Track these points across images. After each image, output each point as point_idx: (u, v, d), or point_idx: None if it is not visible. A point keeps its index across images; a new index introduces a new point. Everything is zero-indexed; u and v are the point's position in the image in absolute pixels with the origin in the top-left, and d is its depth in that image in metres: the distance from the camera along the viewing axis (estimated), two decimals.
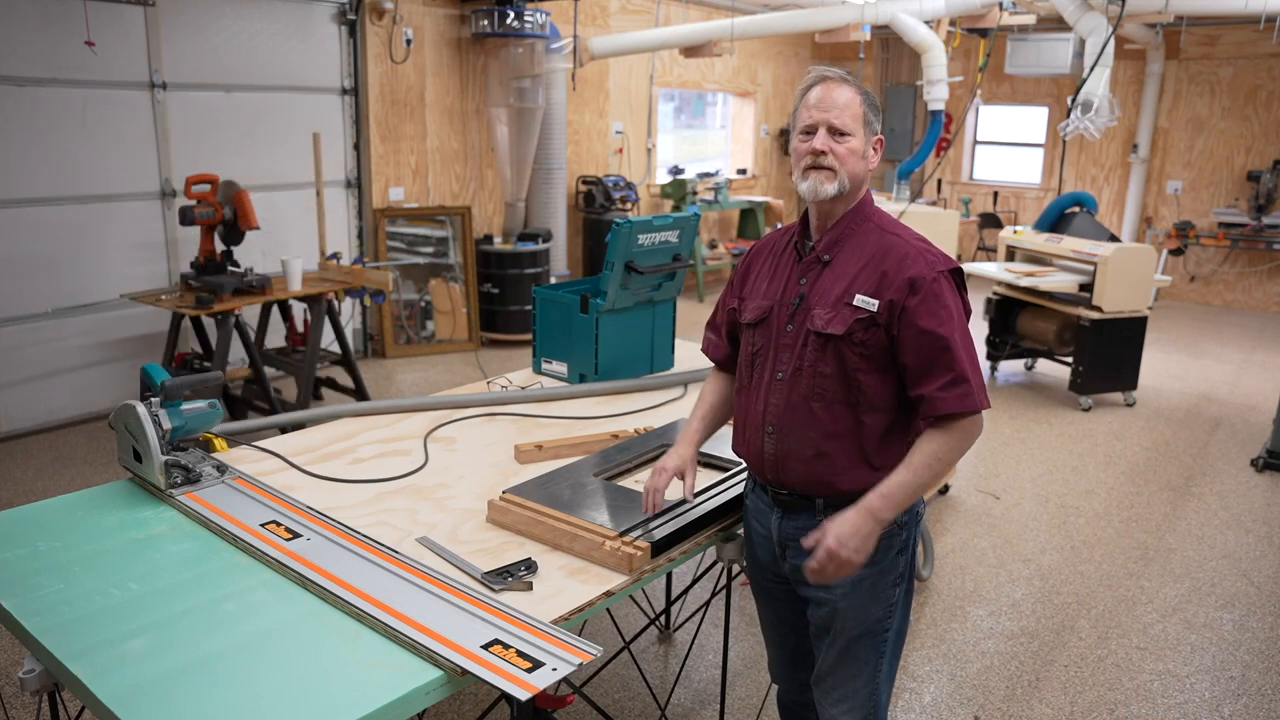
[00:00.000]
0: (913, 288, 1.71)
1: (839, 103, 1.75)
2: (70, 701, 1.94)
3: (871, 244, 1.78)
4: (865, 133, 1.77)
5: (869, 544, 1.69)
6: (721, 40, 7.29)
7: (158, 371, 2.14)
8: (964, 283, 1.80)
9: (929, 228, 6.48)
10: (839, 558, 1.68)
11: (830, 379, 1.76)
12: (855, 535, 1.68)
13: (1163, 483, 4.73)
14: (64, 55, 4.93)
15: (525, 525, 1.93)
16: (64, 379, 5.22)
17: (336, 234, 6.41)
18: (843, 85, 1.77)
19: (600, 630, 3.10)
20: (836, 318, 1.75)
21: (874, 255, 1.76)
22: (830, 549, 1.68)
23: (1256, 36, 8.28)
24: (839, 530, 1.69)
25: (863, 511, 1.70)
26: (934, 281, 1.71)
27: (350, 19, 6.33)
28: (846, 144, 1.75)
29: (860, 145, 1.77)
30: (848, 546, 1.68)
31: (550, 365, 3.06)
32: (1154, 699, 2.94)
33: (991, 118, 10.64)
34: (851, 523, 1.69)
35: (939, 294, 1.71)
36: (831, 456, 1.79)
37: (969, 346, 1.74)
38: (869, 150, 1.79)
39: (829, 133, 1.75)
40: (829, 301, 1.77)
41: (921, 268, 1.72)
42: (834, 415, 1.77)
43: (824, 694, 1.94)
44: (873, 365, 1.75)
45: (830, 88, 1.76)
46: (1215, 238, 8.72)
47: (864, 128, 1.77)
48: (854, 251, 1.78)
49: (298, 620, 1.59)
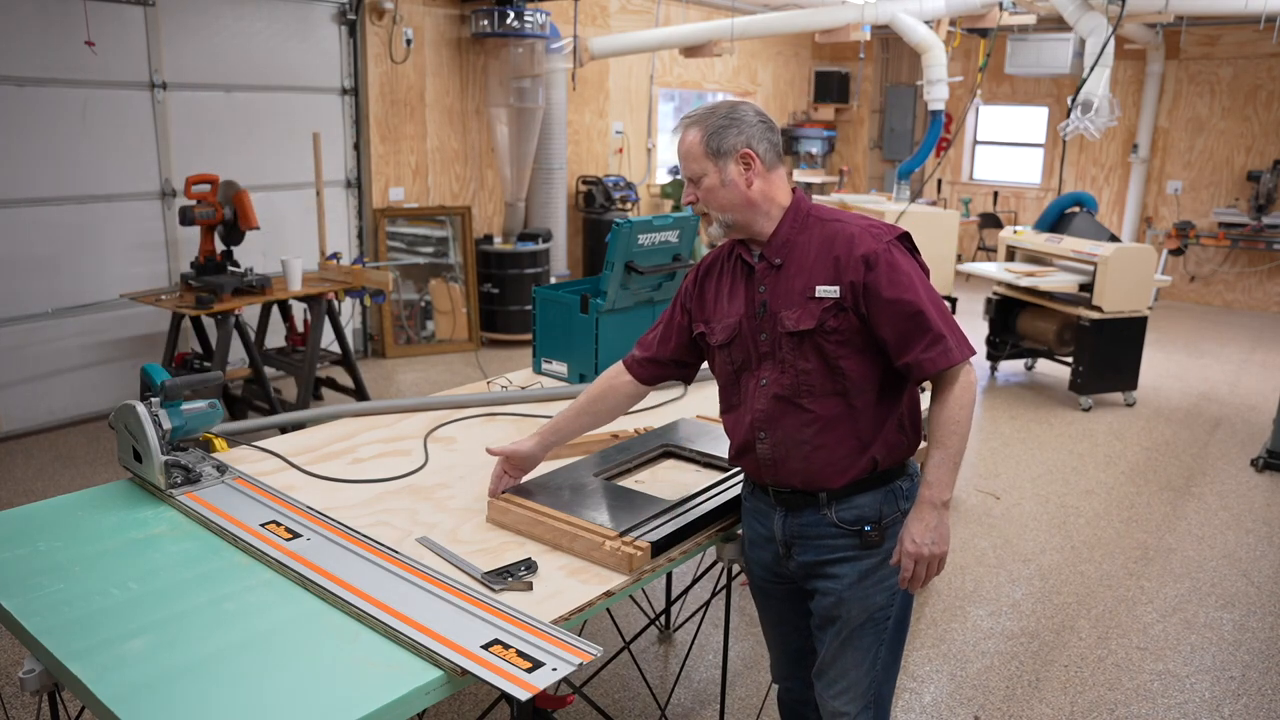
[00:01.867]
0: (868, 264, 1.74)
1: (684, 152, 1.83)
2: (70, 701, 1.94)
3: (817, 237, 1.81)
4: (717, 164, 1.80)
5: (943, 531, 1.76)
6: (721, 40, 7.29)
7: (158, 371, 2.14)
8: (914, 246, 1.83)
9: (929, 228, 6.52)
10: (923, 556, 1.75)
11: (813, 373, 1.79)
12: (927, 531, 1.75)
13: (1163, 483, 4.73)
14: (64, 55, 4.92)
15: (525, 525, 1.93)
16: (64, 379, 5.22)
17: (336, 234, 6.41)
18: (685, 131, 1.84)
19: (600, 630, 3.10)
20: (804, 314, 1.78)
21: (822, 245, 1.80)
22: (912, 553, 1.75)
23: (1256, 36, 8.28)
24: (911, 533, 1.76)
25: (923, 507, 1.76)
26: (886, 252, 1.75)
27: (350, 19, 6.33)
28: (702, 185, 1.82)
29: (714, 179, 1.80)
30: (926, 543, 1.74)
31: (550, 365, 3.06)
32: (1154, 699, 2.94)
33: (991, 118, 10.64)
34: (919, 521, 1.76)
35: (894, 263, 1.75)
36: (828, 447, 1.81)
37: (938, 304, 1.77)
38: (729, 173, 1.80)
39: (690, 182, 1.84)
40: (793, 301, 1.79)
41: (870, 243, 1.76)
42: (823, 406, 1.80)
43: (825, 686, 1.94)
44: (852, 349, 1.78)
45: (679, 139, 1.85)
46: (1215, 238, 8.72)
47: (711, 160, 1.80)
48: (804, 248, 1.81)
49: (298, 620, 1.59)
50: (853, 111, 10.97)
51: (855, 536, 1.84)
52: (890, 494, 1.85)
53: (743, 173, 1.80)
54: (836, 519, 1.84)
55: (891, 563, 1.80)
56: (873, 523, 1.83)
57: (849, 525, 1.84)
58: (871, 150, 11.08)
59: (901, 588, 1.80)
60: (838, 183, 10.69)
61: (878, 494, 1.84)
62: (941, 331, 1.74)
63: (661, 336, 2.06)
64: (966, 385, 1.76)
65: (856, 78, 10.77)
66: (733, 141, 1.79)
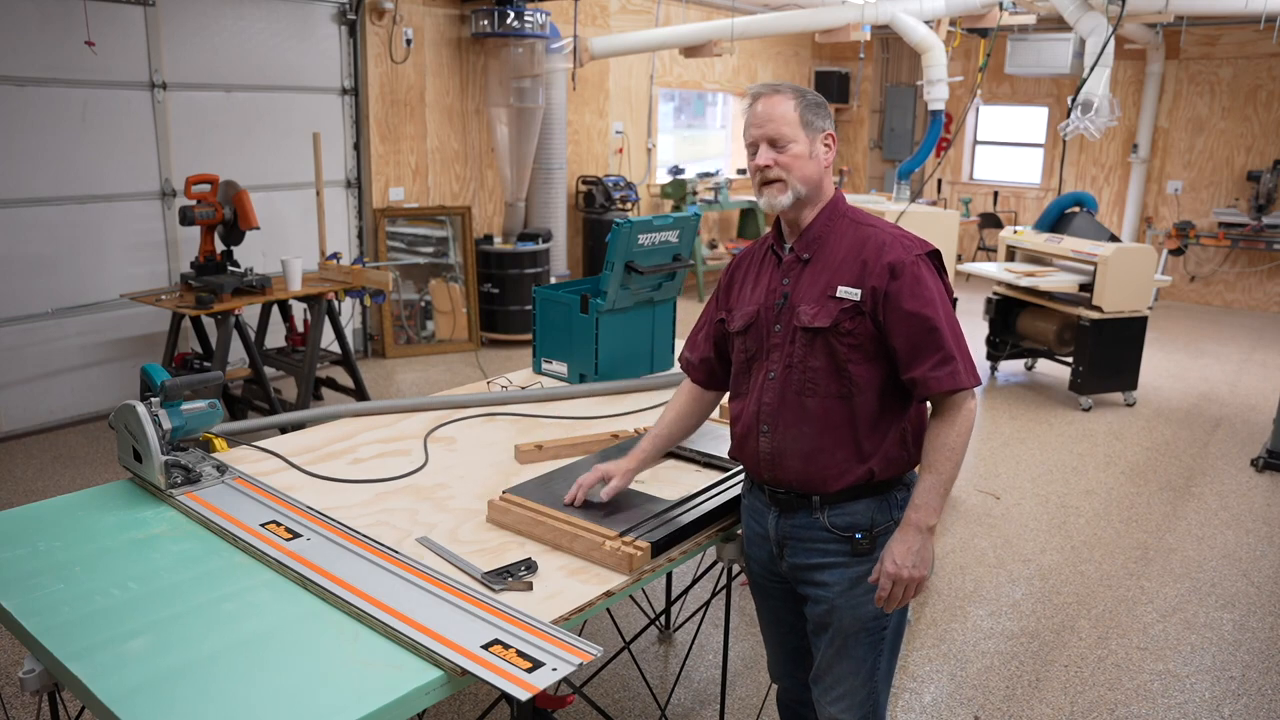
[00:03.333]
0: (893, 272, 1.74)
1: (774, 115, 1.79)
2: (70, 701, 1.94)
3: (849, 237, 1.81)
4: (807, 134, 1.80)
5: (925, 555, 1.75)
6: (721, 40, 7.29)
7: (158, 371, 2.14)
8: (942, 265, 1.83)
9: (929, 228, 6.50)
10: (901, 578, 1.74)
11: (820, 373, 1.79)
12: (909, 554, 1.74)
13: (1163, 483, 4.73)
14: (64, 55, 4.92)
15: (525, 525, 1.93)
16: (64, 379, 5.22)
17: (336, 234, 6.41)
18: (775, 96, 1.80)
19: (600, 630, 3.10)
20: (821, 311, 1.78)
21: (852, 247, 1.80)
22: (890, 573, 1.74)
23: (1256, 36, 8.28)
24: (893, 554, 1.75)
25: (907, 529, 1.75)
26: (913, 264, 1.75)
27: (350, 19, 6.32)
28: (789, 151, 1.79)
29: (804, 148, 1.79)
30: (906, 566, 1.73)
31: (550, 365, 3.06)
32: (1154, 699, 2.94)
33: (991, 118, 10.63)
34: (902, 543, 1.75)
35: (919, 276, 1.75)
36: (827, 450, 1.81)
37: (954, 326, 1.77)
38: (817, 149, 1.81)
39: (769, 145, 1.79)
40: (813, 297, 1.80)
41: (899, 252, 1.76)
42: (826, 409, 1.80)
43: (822, 692, 1.94)
44: (863, 355, 1.78)
45: (765, 102, 1.80)
46: (1215, 238, 8.71)
47: (804, 130, 1.79)
48: (833, 247, 1.82)
49: (297, 620, 1.59)
50: (853, 111, 10.97)
51: (845, 542, 1.84)
52: (885, 503, 1.85)
53: (825, 153, 1.82)
54: (829, 523, 1.84)
55: (870, 580, 1.79)
56: (864, 530, 1.83)
57: (840, 531, 1.84)
58: (871, 150, 11.08)
59: (877, 605, 1.79)
60: (837, 183, 10.67)
61: (872, 502, 1.84)
62: (953, 353, 1.74)
63: (706, 333, 2.07)
64: (967, 413, 1.76)
65: (856, 78, 10.77)
66: (823, 122, 1.82)
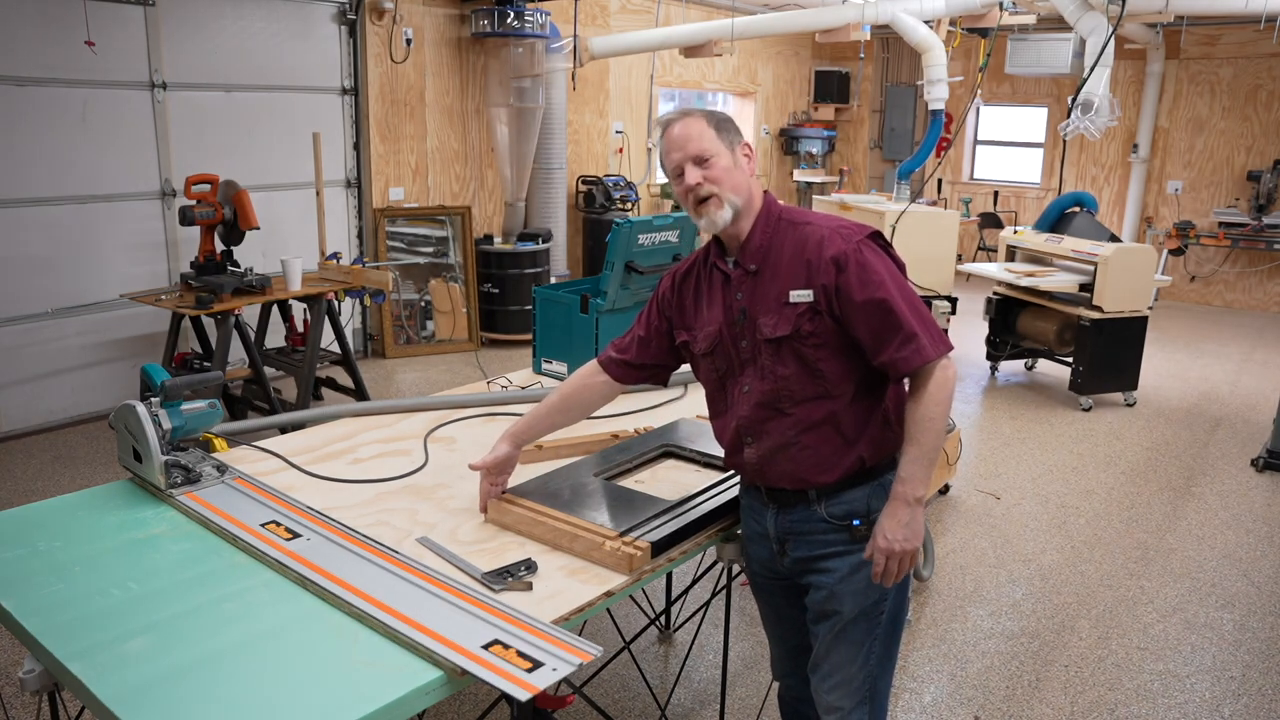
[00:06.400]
0: (838, 266, 1.75)
1: (691, 134, 1.81)
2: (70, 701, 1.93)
3: (790, 241, 1.82)
4: (726, 148, 1.82)
5: (916, 527, 1.76)
6: (721, 40, 7.29)
7: (158, 371, 2.14)
8: (887, 242, 1.83)
9: (929, 228, 6.51)
10: (894, 552, 1.76)
11: (793, 379, 1.81)
12: (899, 527, 1.76)
13: (1163, 483, 4.73)
14: (64, 55, 4.92)
15: (525, 525, 1.93)
16: (64, 379, 5.22)
17: (336, 234, 6.41)
18: (687, 119, 1.83)
19: (600, 630, 3.10)
20: (780, 320, 1.79)
21: (795, 250, 1.80)
22: (883, 548, 1.77)
23: (1256, 36, 8.28)
24: (884, 529, 1.77)
25: (896, 503, 1.77)
26: (855, 252, 1.76)
27: (350, 19, 6.32)
28: (716, 166, 1.80)
29: (728, 160, 1.81)
30: (897, 539, 1.76)
31: (550, 365, 3.06)
32: (1154, 699, 2.94)
33: (991, 118, 10.64)
34: (892, 517, 1.77)
35: (864, 262, 1.76)
36: (813, 448, 1.82)
37: (911, 300, 1.77)
38: (739, 159, 1.83)
39: (695, 164, 1.80)
40: (769, 307, 1.81)
41: (839, 244, 1.77)
42: (806, 410, 1.81)
43: (820, 680, 1.95)
44: (830, 351, 1.79)
45: (679, 125, 1.83)
46: (1215, 238, 8.71)
47: (723, 143, 1.81)
48: (778, 253, 1.82)
49: (297, 620, 1.59)
50: (853, 111, 10.97)
51: (845, 531, 1.86)
52: (879, 487, 1.86)
53: (746, 163, 1.85)
54: (827, 514, 1.86)
55: (864, 556, 1.82)
56: (861, 516, 1.85)
57: (839, 520, 1.86)
58: (871, 150, 11.08)
59: (874, 582, 1.81)
60: (838, 183, 10.70)
61: (866, 488, 1.86)
62: (914, 330, 1.74)
63: (641, 341, 2.06)
64: (942, 382, 1.76)
65: (856, 77, 10.77)
66: (735, 136, 1.85)
